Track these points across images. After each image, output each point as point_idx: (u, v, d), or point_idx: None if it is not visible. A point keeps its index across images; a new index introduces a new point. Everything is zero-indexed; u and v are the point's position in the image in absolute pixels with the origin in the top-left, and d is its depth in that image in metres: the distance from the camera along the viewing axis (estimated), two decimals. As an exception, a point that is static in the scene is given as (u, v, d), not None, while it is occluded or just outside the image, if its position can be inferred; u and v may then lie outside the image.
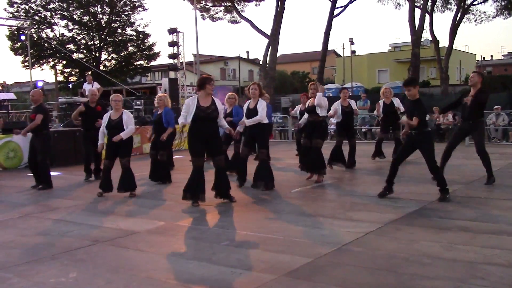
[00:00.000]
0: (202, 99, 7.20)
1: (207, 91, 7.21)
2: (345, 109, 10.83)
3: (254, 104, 8.41)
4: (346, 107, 10.84)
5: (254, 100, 8.46)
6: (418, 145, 7.19)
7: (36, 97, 9.30)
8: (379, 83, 42.20)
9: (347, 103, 10.90)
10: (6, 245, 5.39)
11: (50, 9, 39.05)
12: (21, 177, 10.62)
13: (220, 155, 7.36)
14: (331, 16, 36.23)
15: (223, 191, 7.43)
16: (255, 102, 8.42)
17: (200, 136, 7.13)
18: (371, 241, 5.12)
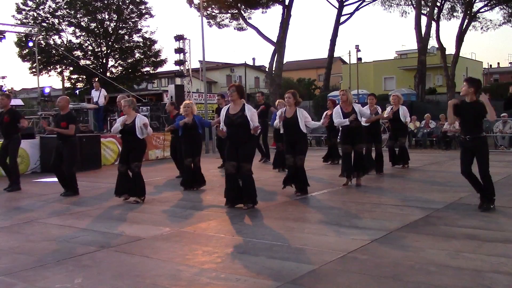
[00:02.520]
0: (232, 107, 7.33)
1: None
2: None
3: (292, 113, 8.33)
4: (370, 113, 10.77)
5: (291, 108, 8.39)
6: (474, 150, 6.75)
7: (62, 104, 9.26)
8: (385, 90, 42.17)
9: (374, 109, 10.94)
10: (12, 251, 5.40)
11: (58, 16, 39.41)
12: (28, 182, 10.65)
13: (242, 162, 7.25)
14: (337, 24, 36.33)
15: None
16: (292, 111, 8.35)
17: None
18: (376, 248, 5.10)
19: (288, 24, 34.54)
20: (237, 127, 7.23)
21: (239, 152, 7.29)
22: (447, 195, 8.10)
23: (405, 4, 38.74)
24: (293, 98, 8.41)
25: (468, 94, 6.73)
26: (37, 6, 38.75)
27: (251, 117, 7.22)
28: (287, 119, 8.38)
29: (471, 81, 6.83)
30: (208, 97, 23.34)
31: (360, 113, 9.17)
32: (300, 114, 8.31)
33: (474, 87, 6.70)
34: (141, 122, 8.08)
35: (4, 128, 9.91)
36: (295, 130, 8.30)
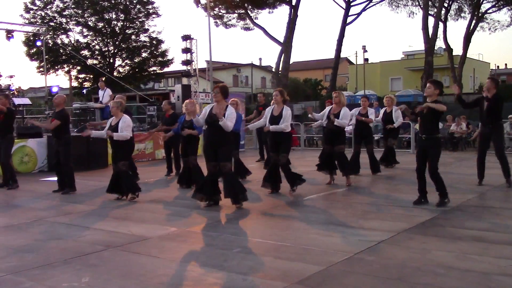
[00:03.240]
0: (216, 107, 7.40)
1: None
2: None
3: (279, 111, 8.42)
4: (362, 115, 11.00)
5: (279, 106, 8.46)
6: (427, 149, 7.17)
7: (58, 101, 9.49)
8: (392, 91, 42.03)
9: (366, 111, 11.03)
10: (20, 249, 5.43)
11: (65, 15, 39.55)
12: (35, 181, 10.70)
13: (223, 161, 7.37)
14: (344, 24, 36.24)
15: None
16: (280, 109, 8.43)
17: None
18: (383, 250, 5.09)
19: (295, 24, 34.50)
20: (216, 127, 7.29)
21: (218, 152, 7.38)
22: (454, 196, 8.05)
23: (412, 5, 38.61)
24: (281, 95, 8.48)
25: (432, 95, 7.12)
26: (45, 5, 38.89)
27: (227, 117, 7.29)
28: (273, 117, 8.43)
29: (437, 83, 7.29)
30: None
31: (342, 117, 9.18)
32: (285, 112, 8.35)
33: (439, 90, 7.16)
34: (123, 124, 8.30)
35: (1, 127, 9.94)
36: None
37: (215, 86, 7.74)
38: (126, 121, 8.43)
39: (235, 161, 10.13)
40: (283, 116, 8.32)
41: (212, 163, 7.46)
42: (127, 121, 8.47)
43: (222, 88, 7.57)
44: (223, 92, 7.50)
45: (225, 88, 7.69)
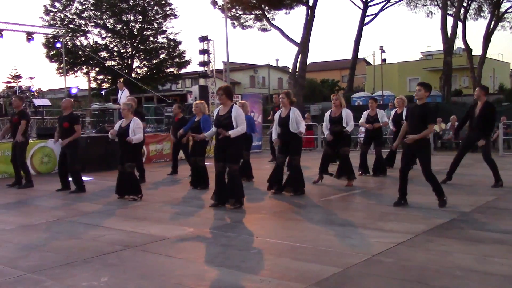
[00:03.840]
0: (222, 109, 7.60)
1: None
2: (369, 119, 11.07)
3: (286, 113, 8.46)
4: (371, 117, 11.05)
5: (286, 108, 8.50)
6: (415, 151, 7.27)
7: (65, 105, 9.70)
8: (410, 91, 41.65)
9: (374, 113, 11.05)
10: (40, 248, 5.51)
11: (84, 17, 39.96)
12: (55, 181, 10.79)
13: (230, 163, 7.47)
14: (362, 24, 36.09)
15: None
16: (287, 111, 8.47)
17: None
18: (402, 252, 5.05)
19: (312, 24, 34.39)
20: (223, 128, 7.40)
21: (226, 153, 7.45)
22: (474, 198, 7.98)
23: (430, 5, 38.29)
24: (287, 98, 8.55)
25: (422, 98, 7.22)
26: (64, 7, 39.35)
27: (236, 118, 7.37)
28: (281, 118, 8.52)
29: (427, 86, 7.33)
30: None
31: (346, 120, 9.34)
32: (292, 114, 8.39)
33: (429, 92, 7.26)
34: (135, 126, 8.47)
35: (13, 128, 10.30)
36: (287, 130, 8.41)
37: (218, 89, 7.79)
38: (137, 123, 8.57)
39: (243, 162, 10.23)
40: (291, 118, 8.36)
41: (220, 164, 7.55)
42: (138, 123, 8.62)
43: (225, 89, 7.61)
44: (227, 93, 7.54)
45: (229, 88, 7.77)
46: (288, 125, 8.37)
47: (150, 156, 15.33)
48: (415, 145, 7.14)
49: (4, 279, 4.47)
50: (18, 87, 18.98)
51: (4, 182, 10.93)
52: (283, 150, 8.63)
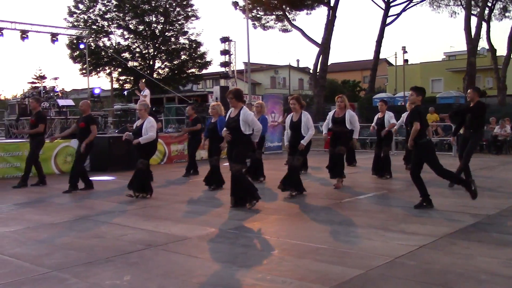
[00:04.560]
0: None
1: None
2: (378, 121, 11.22)
3: (297, 117, 8.57)
4: (379, 119, 11.19)
5: (297, 113, 8.62)
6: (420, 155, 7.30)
7: (83, 108, 10.03)
8: (432, 92, 41.21)
9: (382, 116, 11.14)
10: (64, 247, 5.58)
11: (107, 18, 40.47)
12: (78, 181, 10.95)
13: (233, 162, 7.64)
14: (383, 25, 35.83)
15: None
16: (298, 115, 8.59)
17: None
18: (425, 254, 4.99)
19: (333, 25, 34.29)
20: (231, 130, 7.65)
21: (233, 153, 7.67)
22: (499, 201, 7.85)
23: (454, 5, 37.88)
24: (298, 103, 8.69)
25: (416, 102, 7.34)
26: (87, 9, 39.92)
27: (245, 121, 7.54)
28: (293, 122, 8.66)
29: (419, 90, 7.47)
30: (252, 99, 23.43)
31: (350, 121, 9.46)
32: (304, 118, 8.53)
33: (422, 96, 7.38)
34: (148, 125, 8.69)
35: (31, 129, 10.58)
36: (299, 134, 8.52)
37: (228, 92, 7.96)
38: (150, 122, 8.80)
39: (254, 161, 10.48)
40: (302, 122, 8.47)
41: (231, 164, 7.75)
42: (152, 122, 8.83)
43: (235, 92, 7.80)
44: (237, 96, 7.73)
45: (238, 91, 7.94)
46: (300, 129, 8.49)
47: (172, 156, 15.43)
48: (416, 148, 7.21)
49: (30, 276, 4.54)
50: (43, 88, 19.29)
51: (28, 181, 11.10)
52: (293, 152, 8.69)
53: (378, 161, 11.04)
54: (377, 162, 11.06)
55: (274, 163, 14.33)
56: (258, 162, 10.56)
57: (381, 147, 11.08)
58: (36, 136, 10.44)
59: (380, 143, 11.16)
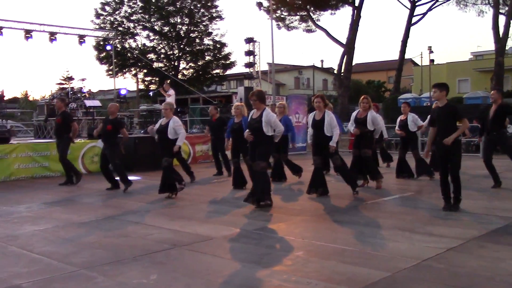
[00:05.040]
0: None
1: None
2: (400, 123, 11.08)
3: (320, 116, 8.55)
4: (402, 121, 11.05)
5: (320, 112, 8.60)
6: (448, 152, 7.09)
7: (112, 110, 10.24)
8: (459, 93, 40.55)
9: (405, 117, 11.01)
10: (91, 245, 5.67)
11: (133, 20, 40.90)
12: (104, 180, 11.11)
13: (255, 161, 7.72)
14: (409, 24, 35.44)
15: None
16: (321, 114, 8.56)
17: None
18: (452, 257, 4.92)
19: (358, 25, 34.04)
20: (253, 131, 7.73)
21: (255, 152, 7.75)
22: (529, 204, 7.68)
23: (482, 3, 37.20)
24: (322, 102, 8.66)
25: (441, 98, 7.20)
26: (114, 11, 40.40)
27: (268, 122, 7.62)
28: (315, 121, 8.61)
29: (441, 85, 7.25)
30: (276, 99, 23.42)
31: (372, 122, 9.36)
32: (327, 117, 8.50)
33: (445, 91, 7.17)
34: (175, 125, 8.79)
35: (56, 129, 10.94)
36: (322, 133, 8.49)
37: (251, 94, 8.01)
38: (177, 121, 8.93)
39: (278, 163, 10.53)
40: (326, 121, 8.45)
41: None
42: (178, 121, 8.98)
43: (258, 94, 7.87)
44: (260, 98, 7.82)
45: (261, 93, 8.01)
46: (323, 128, 8.46)
47: (196, 156, 15.52)
48: (448, 146, 7.00)
49: (59, 274, 4.62)
50: (70, 89, 19.59)
51: (56, 180, 11.31)
52: (317, 152, 8.69)
53: (401, 165, 10.90)
54: (400, 165, 10.92)
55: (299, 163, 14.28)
56: (281, 164, 10.57)
57: (405, 150, 10.94)
58: (63, 135, 10.62)
59: (404, 146, 11.01)
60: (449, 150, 7.03)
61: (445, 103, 7.20)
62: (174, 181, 9.04)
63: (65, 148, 10.76)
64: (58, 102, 11.10)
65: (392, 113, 29.88)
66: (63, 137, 10.67)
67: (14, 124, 22.57)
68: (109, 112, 10.36)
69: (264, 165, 7.71)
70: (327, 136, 8.45)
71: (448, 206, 7.20)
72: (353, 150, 9.71)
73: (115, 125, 9.95)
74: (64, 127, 10.65)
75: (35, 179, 11.99)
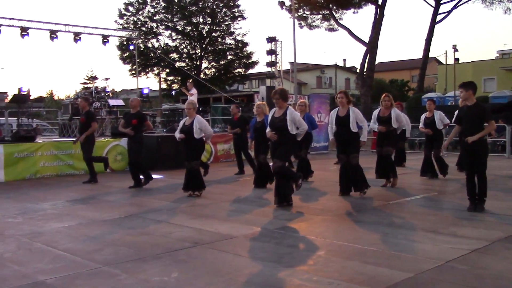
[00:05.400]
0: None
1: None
2: (426, 121, 10.89)
3: (344, 112, 8.47)
4: (427, 119, 10.86)
5: (344, 108, 8.52)
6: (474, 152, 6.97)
7: (133, 104, 10.35)
8: (484, 92, 39.88)
9: (431, 115, 10.81)
10: (114, 243, 5.73)
11: (156, 20, 41.28)
12: (128, 179, 11.22)
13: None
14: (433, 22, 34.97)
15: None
16: (345, 110, 8.49)
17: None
18: (477, 259, 4.84)
19: (381, 23, 33.70)
20: (277, 130, 7.61)
21: (276, 151, 7.69)
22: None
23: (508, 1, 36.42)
24: (346, 97, 8.57)
25: (468, 98, 7.05)
26: (137, 11, 40.84)
27: (293, 121, 7.55)
28: (340, 118, 8.50)
29: (467, 85, 7.10)
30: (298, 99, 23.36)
31: (396, 119, 9.31)
32: (352, 114, 8.40)
33: (472, 90, 7.02)
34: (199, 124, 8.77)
35: (81, 128, 11.11)
36: (347, 130, 8.39)
37: (273, 92, 7.91)
38: (202, 121, 8.93)
39: (301, 160, 10.46)
40: (351, 117, 8.36)
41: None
42: (203, 120, 8.98)
43: (281, 93, 7.79)
44: (283, 97, 7.72)
45: (284, 92, 7.92)
46: (348, 124, 8.36)
47: (218, 155, 15.58)
48: (474, 146, 6.88)
49: (82, 270, 4.69)
50: (94, 88, 19.85)
51: (80, 178, 11.47)
52: (343, 150, 8.60)
53: (427, 164, 10.76)
54: (426, 163, 10.79)
55: (321, 163, 14.24)
56: (303, 162, 10.55)
57: (430, 148, 10.78)
58: (88, 135, 10.76)
59: (430, 144, 10.84)
60: (475, 150, 6.91)
61: (474, 103, 7.05)
62: (203, 180, 9.08)
63: (89, 147, 10.90)
64: (82, 102, 11.27)
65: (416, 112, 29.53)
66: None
67: (40, 123, 22.95)
68: (131, 106, 10.45)
69: (281, 164, 7.64)
70: (354, 132, 8.37)
71: (473, 207, 7.08)
72: (377, 149, 9.63)
73: (139, 118, 10.05)
74: (88, 126, 10.79)
75: (60, 177, 12.18)
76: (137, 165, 10.14)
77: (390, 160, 9.52)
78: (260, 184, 9.81)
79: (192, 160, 8.87)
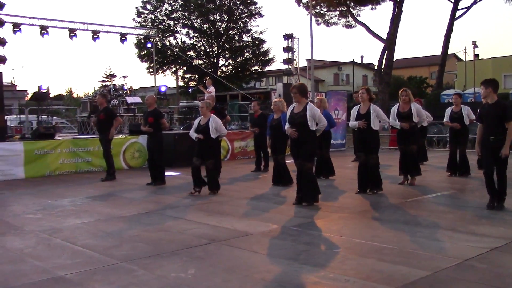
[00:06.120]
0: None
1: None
2: (453, 115, 10.52)
3: (365, 109, 8.38)
4: (455, 113, 10.50)
5: (365, 105, 8.44)
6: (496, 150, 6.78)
7: (149, 102, 10.39)
8: (505, 88, 39.31)
9: (459, 109, 10.49)
10: (132, 239, 5.78)
11: (173, 18, 41.48)
12: (145, 176, 11.31)
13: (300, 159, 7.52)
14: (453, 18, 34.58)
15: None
16: (366, 107, 8.41)
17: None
18: (496, 257, 4.78)
19: (399, 20, 33.43)
20: (297, 126, 7.41)
21: (300, 151, 7.46)
22: None
23: (529, -4, 35.83)
24: (367, 94, 8.46)
25: (488, 96, 6.86)
26: (155, 9, 41.07)
27: (313, 116, 7.36)
28: (360, 115, 8.39)
29: (487, 82, 6.92)
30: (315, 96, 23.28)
31: (417, 114, 9.11)
32: (373, 112, 8.29)
33: (491, 87, 6.82)
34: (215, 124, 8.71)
35: (99, 124, 11.15)
36: (368, 127, 8.30)
37: (292, 87, 7.77)
38: (217, 121, 8.84)
39: (324, 160, 10.36)
40: (372, 116, 8.27)
41: (297, 162, 7.59)
42: (218, 120, 8.89)
43: (299, 87, 7.59)
44: (301, 92, 7.52)
45: (303, 86, 7.70)
46: (369, 122, 8.27)
47: (235, 153, 15.60)
48: (495, 144, 6.74)
49: (100, 266, 4.74)
50: (112, 86, 20.02)
51: (99, 175, 11.58)
52: (361, 148, 8.54)
53: (453, 160, 10.55)
54: (452, 159, 10.58)
55: (338, 160, 14.17)
56: (327, 161, 10.46)
57: (456, 143, 10.49)
58: (106, 131, 10.86)
59: (456, 140, 10.50)
60: (497, 148, 6.77)
61: (494, 101, 6.85)
62: (218, 179, 9.11)
63: (108, 144, 10.99)
64: (99, 99, 11.32)
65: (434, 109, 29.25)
66: (105, 132, 10.89)
67: (59, 121, 23.21)
68: (147, 104, 10.52)
69: (310, 166, 7.57)
70: (374, 130, 8.31)
71: (492, 205, 6.98)
72: (400, 146, 9.46)
73: (156, 116, 10.08)
74: (106, 123, 10.87)
75: (78, 173, 12.32)
76: (159, 165, 10.13)
77: (414, 158, 9.37)
78: (278, 182, 9.79)
79: (208, 159, 8.81)
